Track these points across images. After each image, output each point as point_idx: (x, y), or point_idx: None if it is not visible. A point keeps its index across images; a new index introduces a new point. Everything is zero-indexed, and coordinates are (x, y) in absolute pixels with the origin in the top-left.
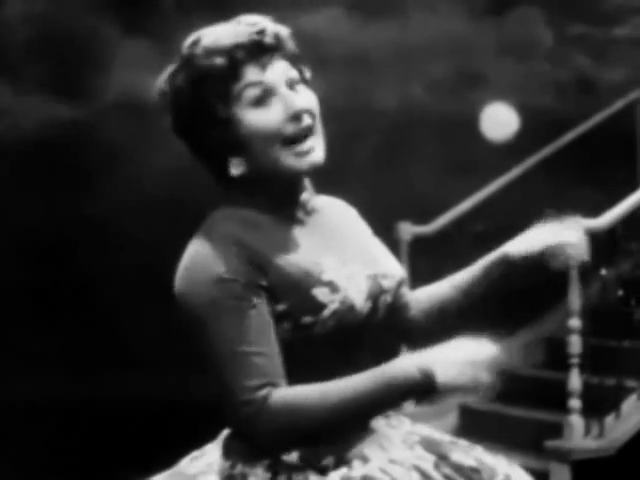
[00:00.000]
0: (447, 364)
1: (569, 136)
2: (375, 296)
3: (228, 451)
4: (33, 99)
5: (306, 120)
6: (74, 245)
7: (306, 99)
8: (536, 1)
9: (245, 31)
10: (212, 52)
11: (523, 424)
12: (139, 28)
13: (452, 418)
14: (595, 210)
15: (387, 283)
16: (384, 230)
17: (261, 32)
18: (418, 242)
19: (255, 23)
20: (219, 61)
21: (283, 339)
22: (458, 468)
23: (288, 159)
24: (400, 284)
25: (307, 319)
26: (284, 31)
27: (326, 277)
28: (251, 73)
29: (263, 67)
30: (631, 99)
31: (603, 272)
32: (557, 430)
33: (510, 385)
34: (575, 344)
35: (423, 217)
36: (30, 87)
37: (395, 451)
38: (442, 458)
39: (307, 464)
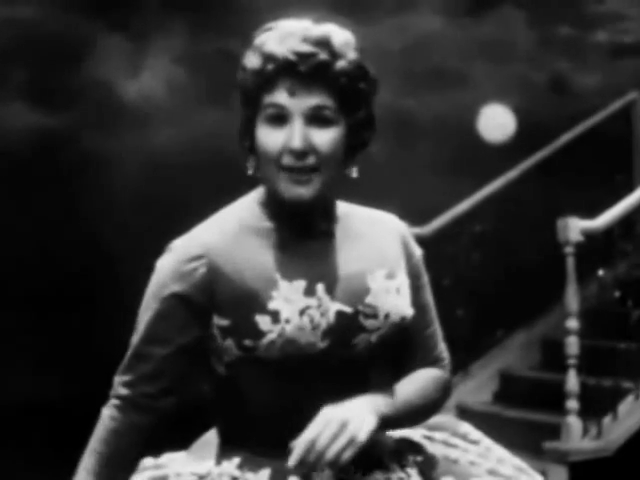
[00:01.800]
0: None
1: (566, 137)
2: (344, 334)
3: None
4: (9, 107)
5: (308, 160)
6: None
7: (318, 140)
8: (517, 2)
9: (286, 46)
10: (256, 49)
11: (520, 425)
12: (119, 31)
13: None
14: (592, 211)
15: (372, 323)
16: None
17: (301, 56)
18: None
19: (301, 40)
20: (255, 63)
21: (230, 356)
22: None
23: (281, 182)
24: (397, 325)
25: (247, 342)
26: (341, 61)
27: (272, 306)
28: (279, 92)
29: (290, 92)
30: (627, 100)
31: (600, 273)
32: (554, 431)
33: (507, 386)
34: (573, 345)
35: (419, 218)
36: (6, 94)
37: (352, 472)
38: None
39: (243, 472)
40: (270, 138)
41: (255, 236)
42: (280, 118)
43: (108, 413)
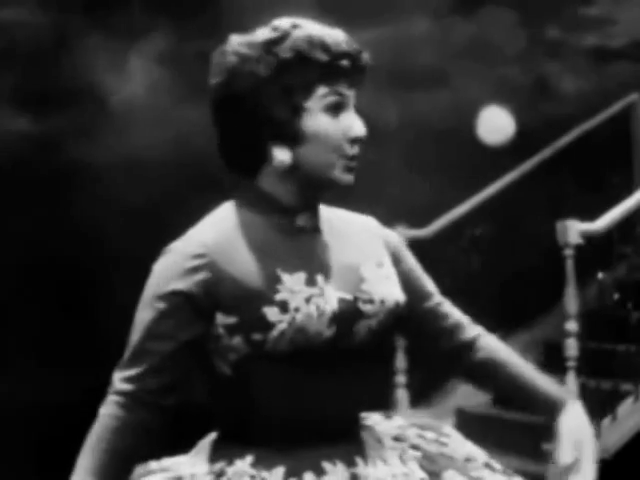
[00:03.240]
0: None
1: (566, 139)
2: (347, 320)
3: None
4: None
5: (358, 148)
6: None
7: (364, 129)
8: (507, 2)
9: (349, 45)
10: (317, 45)
11: (520, 428)
12: (102, 33)
13: (449, 422)
14: (591, 213)
15: (370, 308)
16: None
17: (360, 53)
18: (414, 246)
19: (353, 42)
20: (322, 57)
21: (239, 352)
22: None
23: (338, 169)
24: (392, 311)
25: (257, 336)
26: (369, 66)
27: (280, 297)
28: (341, 83)
29: (351, 83)
30: (627, 103)
31: (600, 275)
32: (554, 433)
33: None
34: (572, 347)
35: (419, 221)
36: None
37: (365, 467)
38: (432, 475)
39: (258, 470)
40: (332, 126)
41: (250, 234)
42: (336, 109)
43: (109, 411)
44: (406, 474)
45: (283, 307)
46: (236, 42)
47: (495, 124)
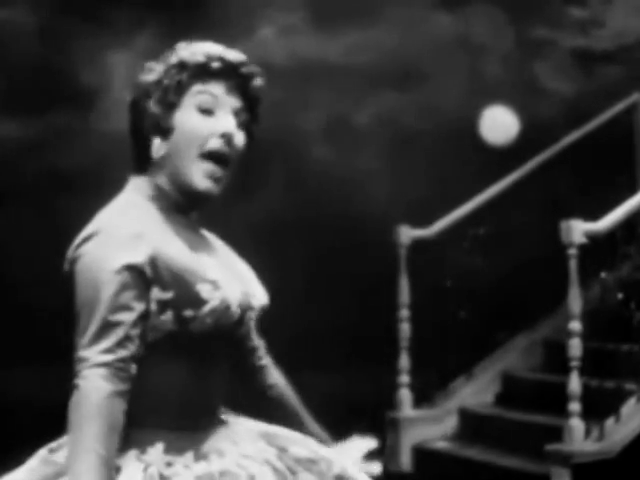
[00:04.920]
0: None
1: (568, 139)
2: (244, 308)
3: None
4: None
5: (230, 149)
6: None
7: (238, 135)
8: (494, 1)
9: (231, 54)
10: (198, 52)
11: (522, 428)
12: (92, 35)
13: (451, 422)
14: (595, 213)
15: (255, 302)
16: (382, 233)
17: (242, 63)
18: (417, 246)
19: (243, 56)
20: (198, 59)
21: (163, 330)
22: (297, 460)
23: (197, 173)
24: (262, 309)
25: (188, 312)
26: (258, 81)
27: (210, 275)
28: (215, 85)
29: (227, 91)
30: (630, 102)
31: (603, 275)
32: (557, 433)
33: (509, 388)
34: (575, 347)
35: (422, 220)
36: None
37: (245, 445)
38: (282, 451)
39: (172, 457)
40: (201, 124)
41: (166, 222)
42: (210, 112)
43: (96, 383)
44: (264, 450)
45: (215, 285)
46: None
47: (498, 124)
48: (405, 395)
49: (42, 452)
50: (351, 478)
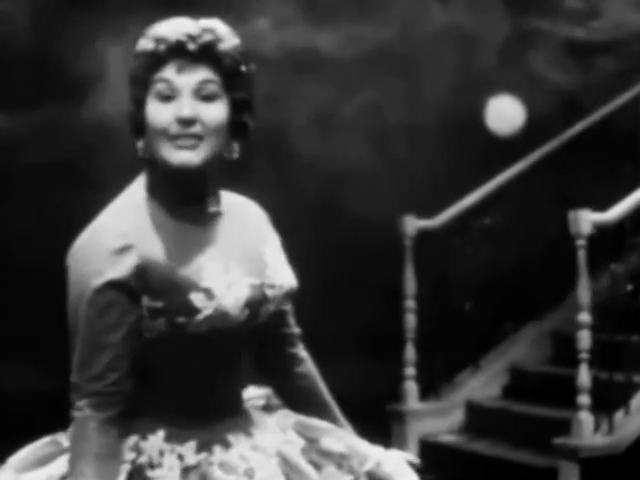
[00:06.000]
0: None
1: (575, 129)
2: (256, 304)
3: None
4: None
5: (194, 128)
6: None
7: (204, 112)
8: None
9: (177, 30)
10: (149, 37)
11: (530, 421)
12: (84, 27)
13: (458, 415)
14: (603, 204)
15: (272, 293)
16: (388, 224)
17: (190, 37)
18: (423, 237)
19: (196, 27)
20: (148, 46)
21: (157, 331)
22: (326, 453)
23: (166, 150)
24: (287, 294)
25: (180, 319)
26: (224, 44)
27: (204, 284)
28: (168, 70)
29: (179, 70)
30: (637, 92)
31: (612, 266)
32: (565, 427)
33: (517, 381)
34: (584, 339)
35: (428, 211)
36: None
37: (262, 437)
38: (311, 442)
39: (172, 445)
40: (160, 112)
41: (165, 223)
42: (169, 97)
43: (83, 415)
44: (289, 441)
45: (208, 294)
46: None
47: (504, 114)
48: (411, 387)
49: (53, 436)
50: (384, 476)
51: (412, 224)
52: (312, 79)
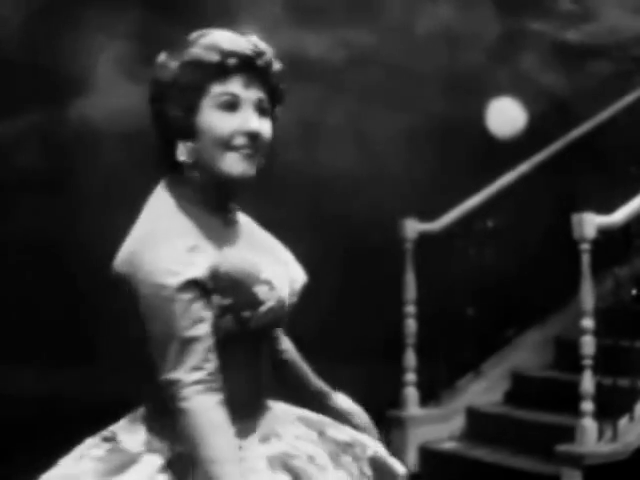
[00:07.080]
0: None
1: (580, 131)
2: (292, 298)
3: (160, 429)
4: None
5: (257, 142)
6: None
7: (263, 127)
8: None
9: (245, 45)
10: (211, 48)
11: (533, 427)
12: (75, 27)
13: (459, 421)
14: (608, 206)
15: (296, 286)
16: (388, 228)
17: (258, 53)
18: (424, 240)
19: (257, 44)
20: (213, 58)
21: (223, 330)
22: (336, 443)
23: (227, 159)
24: (301, 290)
25: (246, 314)
26: (277, 66)
27: (264, 276)
28: (234, 83)
29: (246, 85)
30: None
31: (616, 270)
32: (568, 434)
33: (519, 387)
34: (588, 345)
35: (429, 214)
36: None
37: (292, 428)
38: (321, 434)
39: (239, 440)
40: (224, 122)
41: (208, 224)
42: (232, 106)
43: (196, 402)
44: (306, 433)
45: (270, 285)
46: (162, 55)
47: (506, 116)
48: (411, 393)
49: (96, 441)
50: (384, 461)
51: (413, 227)
52: (304, 83)
